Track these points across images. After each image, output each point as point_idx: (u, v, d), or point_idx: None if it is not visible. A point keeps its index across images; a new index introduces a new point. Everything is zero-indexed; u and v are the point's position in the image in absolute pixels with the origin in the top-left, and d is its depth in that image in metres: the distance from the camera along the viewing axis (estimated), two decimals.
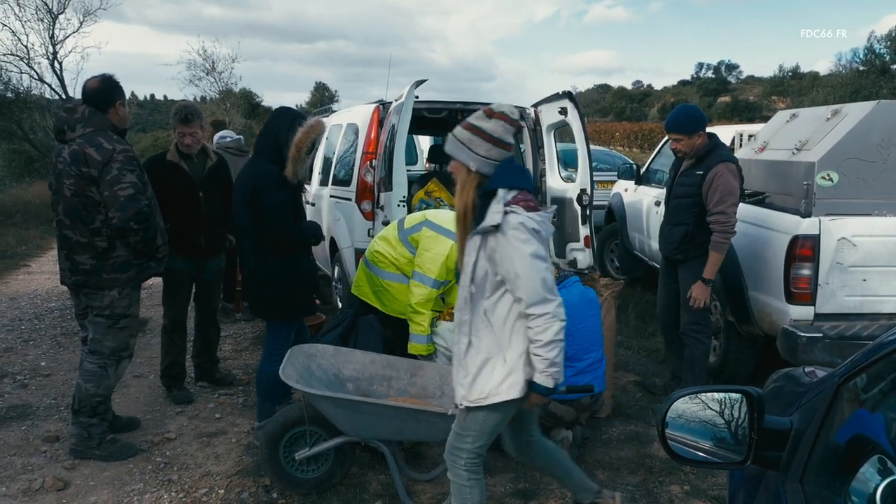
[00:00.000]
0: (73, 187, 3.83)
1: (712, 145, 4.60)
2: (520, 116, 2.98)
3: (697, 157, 4.59)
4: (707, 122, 4.66)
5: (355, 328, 5.07)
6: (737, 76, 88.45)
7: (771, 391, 2.32)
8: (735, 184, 4.43)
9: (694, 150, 4.58)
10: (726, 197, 4.38)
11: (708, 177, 4.44)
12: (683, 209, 4.63)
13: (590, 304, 4.19)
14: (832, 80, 34.37)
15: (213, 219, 4.96)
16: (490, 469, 4.00)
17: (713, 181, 4.41)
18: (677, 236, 4.67)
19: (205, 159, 5.01)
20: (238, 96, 29.00)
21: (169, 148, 4.97)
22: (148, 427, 4.55)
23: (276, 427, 3.61)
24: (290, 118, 4.01)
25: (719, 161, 4.45)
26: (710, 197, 4.43)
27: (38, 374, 5.55)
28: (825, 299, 4.43)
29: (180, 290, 5.00)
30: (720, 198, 4.38)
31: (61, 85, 18.24)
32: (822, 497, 1.50)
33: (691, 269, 4.61)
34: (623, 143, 43.68)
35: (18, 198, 16.36)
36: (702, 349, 4.73)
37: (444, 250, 4.32)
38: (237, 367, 5.76)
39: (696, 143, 4.56)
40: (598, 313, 4.23)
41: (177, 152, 4.87)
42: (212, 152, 5.12)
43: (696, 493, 3.75)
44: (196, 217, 4.85)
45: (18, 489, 3.73)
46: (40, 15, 17.73)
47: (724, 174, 4.40)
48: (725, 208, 4.38)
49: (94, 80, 4.05)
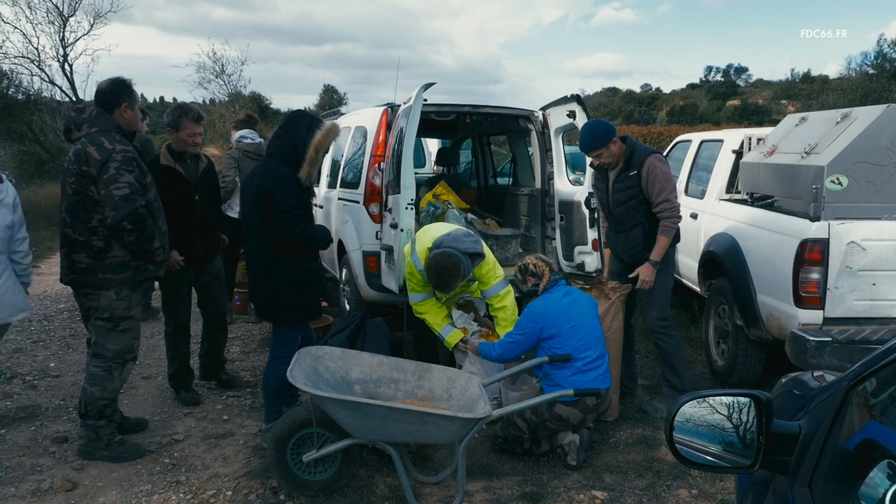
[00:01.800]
0: (75, 185, 3.86)
1: (631, 146, 4.76)
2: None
3: (624, 162, 4.73)
4: (614, 130, 4.77)
5: (363, 330, 5.10)
6: (746, 79, 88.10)
7: (779, 395, 2.31)
8: (668, 170, 4.68)
9: (616, 157, 4.74)
10: (665, 185, 4.60)
11: (643, 173, 4.62)
12: (632, 211, 4.75)
13: (575, 303, 4.21)
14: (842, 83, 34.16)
15: (209, 222, 4.95)
16: (497, 472, 4.00)
17: (648, 174, 4.60)
18: (638, 238, 4.77)
19: (197, 162, 4.96)
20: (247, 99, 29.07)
21: (160, 151, 4.87)
22: (156, 428, 4.57)
23: (283, 429, 3.62)
24: (309, 120, 4.06)
25: (646, 155, 4.65)
26: (650, 189, 4.62)
27: (48, 375, 5.58)
28: (834, 303, 4.41)
29: (180, 297, 4.96)
30: (661, 187, 4.59)
31: (71, 87, 18.37)
32: (831, 502, 1.49)
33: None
34: None
35: (29, 199, 16.40)
36: (674, 342, 4.82)
37: (406, 270, 4.62)
38: (245, 368, 5.78)
39: (614, 151, 4.71)
40: (589, 311, 4.25)
41: (170, 155, 4.79)
42: (203, 155, 5.05)
43: (704, 497, 3.73)
44: (192, 221, 4.82)
45: (27, 490, 3.75)
46: (51, 17, 17.86)
47: (655, 165, 4.61)
48: (668, 195, 4.60)
49: (105, 81, 4.10)
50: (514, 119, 6.62)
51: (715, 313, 5.68)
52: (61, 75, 18.18)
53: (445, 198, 6.85)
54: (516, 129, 7.01)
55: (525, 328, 4.14)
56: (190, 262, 4.85)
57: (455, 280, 4.24)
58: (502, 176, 8.66)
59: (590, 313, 4.23)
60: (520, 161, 7.54)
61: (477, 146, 8.73)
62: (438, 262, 4.22)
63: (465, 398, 3.69)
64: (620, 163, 4.74)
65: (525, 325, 4.15)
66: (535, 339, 4.10)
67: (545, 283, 4.31)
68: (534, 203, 6.72)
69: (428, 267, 4.28)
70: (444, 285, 4.28)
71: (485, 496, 3.73)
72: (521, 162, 7.51)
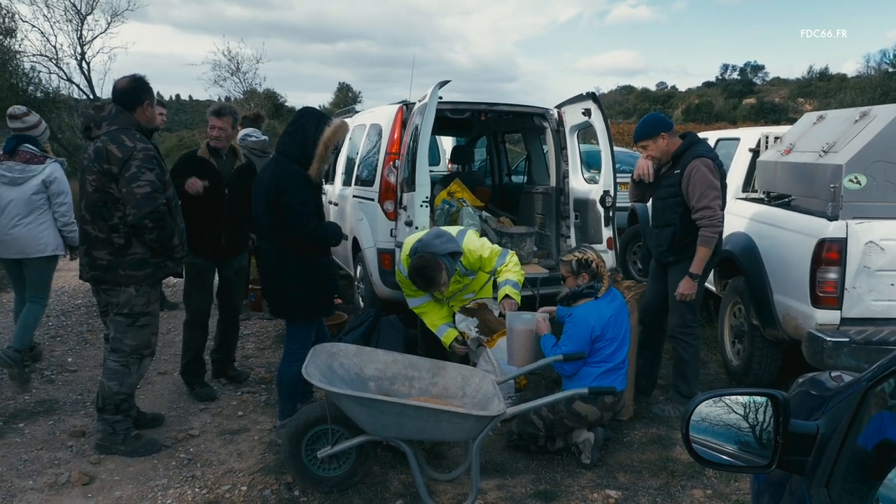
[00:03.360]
0: (95, 183, 3.89)
1: (686, 144, 4.61)
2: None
3: (673, 158, 4.61)
4: (671, 125, 4.69)
5: (377, 328, 5.11)
6: (763, 77, 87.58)
7: (796, 395, 2.29)
8: (711, 177, 4.42)
9: (663, 153, 4.64)
10: (707, 191, 4.38)
11: (685, 174, 4.46)
12: (668, 210, 4.63)
13: (622, 307, 4.20)
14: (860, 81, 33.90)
15: (237, 218, 5.00)
16: (510, 470, 4.00)
17: (690, 178, 4.42)
18: (666, 238, 4.66)
19: (234, 159, 5.08)
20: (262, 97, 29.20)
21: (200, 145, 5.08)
22: (172, 423, 4.60)
23: (298, 425, 3.64)
24: (318, 118, 4.08)
25: (694, 157, 4.47)
26: (690, 194, 4.44)
27: (65, 369, 5.63)
28: (852, 303, 4.38)
29: (203, 285, 5.06)
30: (701, 193, 4.38)
31: (89, 85, 18.53)
32: (849, 503, 1.48)
33: (682, 270, 4.56)
34: None
35: None
36: (691, 352, 4.71)
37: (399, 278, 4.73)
38: (260, 365, 5.81)
39: (662, 146, 4.61)
40: (627, 313, 4.23)
41: (207, 149, 4.97)
42: (241, 154, 5.20)
43: (719, 498, 3.71)
44: (219, 214, 4.90)
45: (45, 483, 3.79)
46: (69, 16, 18.01)
47: (699, 169, 4.40)
48: (709, 202, 4.37)
49: (123, 79, 4.11)
50: (530, 117, 6.61)
51: (731, 313, 5.65)
52: (79, 73, 18.36)
53: (460, 196, 6.86)
54: (531, 127, 6.99)
55: (575, 335, 4.00)
56: (212, 254, 4.97)
57: (439, 276, 4.29)
58: (517, 174, 8.65)
59: (627, 316, 4.24)
60: (535, 159, 7.53)
61: (492, 144, 8.73)
62: (417, 265, 4.31)
63: (480, 396, 3.69)
64: (669, 159, 4.65)
65: (583, 332, 3.99)
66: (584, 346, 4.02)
67: (605, 288, 4.16)
68: (549, 201, 6.71)
69: (409, 273, 4.40)
70: (432, 283, 4.33)
71: (498, 494, 3.73)
72: (536, 160, 7.49)
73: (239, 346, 6.24)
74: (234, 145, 5.17)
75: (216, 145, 4.94)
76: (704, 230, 4.41)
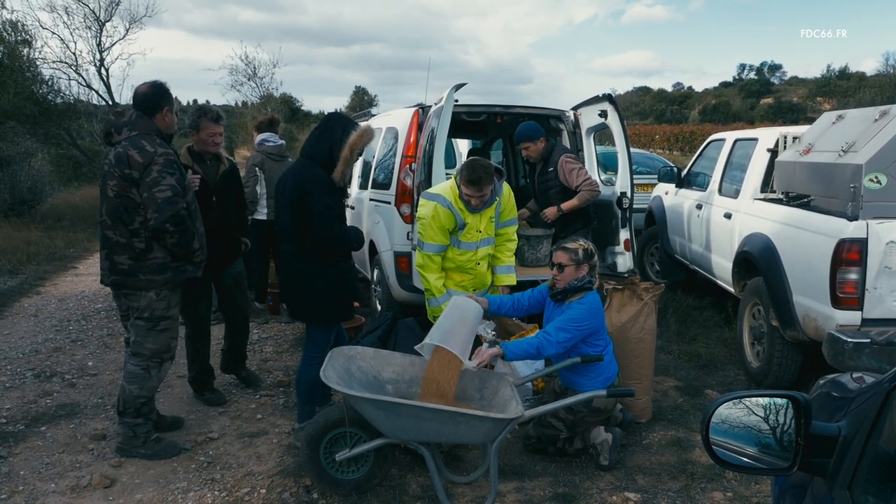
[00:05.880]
0: (116, 188, 3.92)
1: (550, 147, 5.80)
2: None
3: (544, 159, 5.77)
4: (544, 132, 5.81)
5: (394, 330, 5.11)
6: (780, 77, 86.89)
7: (817, 397, 2.27)
8: (577, 163, 5.69)
9: (539, 153, 5.78)
10: (578, 172, 5.60)
11: (558, 169, 5.65)
12: (553, 198, 5.75)
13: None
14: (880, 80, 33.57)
15: (226, 225, 4.90)
16: (528, 473, 3.99)
17: (562, 170, 5.62)
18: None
19: (217, 164, 4.96)
20: (278, 101, 29.36)
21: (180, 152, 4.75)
22: (191, 427, 4.63)
23: (316, 428, 3.65)
24: (345, 122, 4.12)
25: (558, 157, 5.67)
26: (569, 179, 5.60)
27: (86, 373, 5.68)
28: (873, 304, 4.33)
29: (199, 299, 4.87)
30: (576, 174, 5.58)
31: (108, 91, 18.62)
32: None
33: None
34: (663, 145, 43.12)
35: (67, 202, 16.79)
36: None
37: (428, 213, 4.58)
38: (278, 368, 5.83)
39: (539, 148, 5.77)
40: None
41: (189, 156, 4.81)
42: (225, 158, 5.03)
43: (739, 500, 3.69)
44: (208, 223, 4.54)
45: (67, 486, 3.83)
46: (88, 23, 18.11)
47: (565, 162, 5.62)
48: (585, 177, 5.61)
49: (144, 85, 4.14)
50: (546, 119, 6.60)
51: (750, 314, 5.61)
52: (98, 79, 18.45)
53: None
54: (547, 129, 6.97)
55: (582, 325, 3.93)
56: (205, 268, 4.63)
57: (488, 177, 4.41)
58: None
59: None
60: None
61: (507, 146, 8.71)
62: (472, 162, 4.51)
63: (497, 398, 3.68)
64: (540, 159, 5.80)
65: (583, 322, 3.93)
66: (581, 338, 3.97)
67: (598, 281, 4.24)
68: None
69: (462, 167, 4.50)
70: (478, 180, 4.40)
71: (516, 496, 3.72)
72: None
73: (257, 350, 6.28)
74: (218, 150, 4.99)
75: (214, 151, 4.86)
76: (584, 192, 5.55)
